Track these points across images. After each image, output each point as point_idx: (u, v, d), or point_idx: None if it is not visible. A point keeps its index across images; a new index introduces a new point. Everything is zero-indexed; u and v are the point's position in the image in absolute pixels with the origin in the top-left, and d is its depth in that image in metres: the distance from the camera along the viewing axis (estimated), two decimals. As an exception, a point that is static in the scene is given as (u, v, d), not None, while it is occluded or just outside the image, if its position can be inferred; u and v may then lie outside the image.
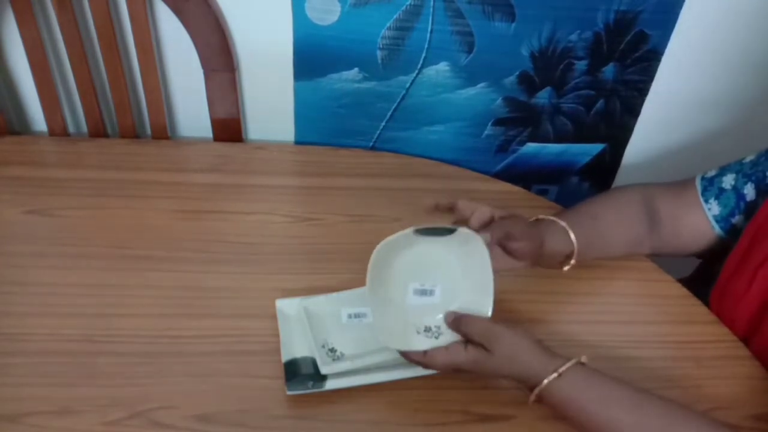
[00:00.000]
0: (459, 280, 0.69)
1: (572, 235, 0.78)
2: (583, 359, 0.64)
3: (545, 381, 0.63)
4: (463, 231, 0.67)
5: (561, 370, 0.63)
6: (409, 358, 0.67)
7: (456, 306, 0.69)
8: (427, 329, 0.68)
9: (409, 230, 0.65)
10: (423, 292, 0.69)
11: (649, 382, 0.73)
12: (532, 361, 0.64)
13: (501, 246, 0.73)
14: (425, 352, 0.66)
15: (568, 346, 0.77)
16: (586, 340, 0.79)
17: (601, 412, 0.62)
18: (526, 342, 0.65)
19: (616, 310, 0.84)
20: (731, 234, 0.81)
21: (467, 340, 0.66)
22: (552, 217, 0.79)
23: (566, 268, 0.80)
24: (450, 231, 0.67)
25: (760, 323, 0.76)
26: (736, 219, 0.81)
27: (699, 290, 0.85)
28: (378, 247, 0.65)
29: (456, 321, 0.67)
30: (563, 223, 0.78)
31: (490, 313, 0.68)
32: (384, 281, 0.68)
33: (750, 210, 0.79)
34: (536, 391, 0.63)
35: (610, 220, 0.83)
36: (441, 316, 0.69)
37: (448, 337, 0.67)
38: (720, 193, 0.81)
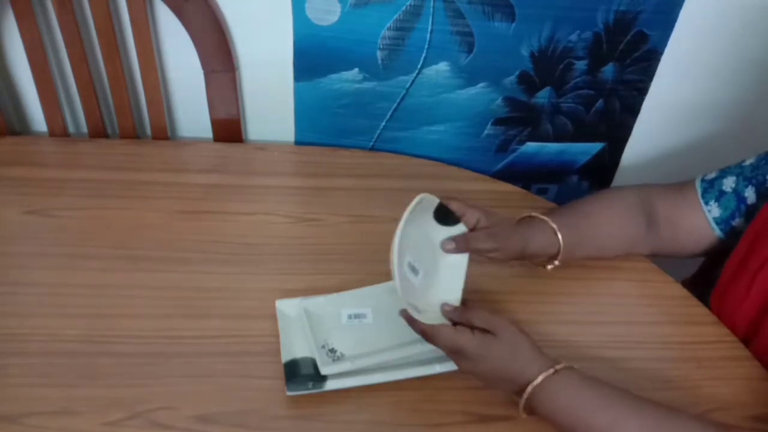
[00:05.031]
0: (440, 269, 0.71)
1: (560, 236, 0.77)
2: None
3: (540, 377, 0.63)
4: (460, 227, 0.71)
5: (558, 367, 0.63)
6: (415, 326, 0.67)
7: (431, 293, 0.70)
8: (413, 306, 0.67)
9: (436, 200, 0.70)
10: (412, 269, 0.69)
11: (648, 382, 0.73)
12: (535, 357, 0.65)
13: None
14: (432, 326, 0.66)
15: (568, 346, 0.77)
16: (585, 340, 0.78)
17: (598, 416, 0.62)
18: (526, 338, 0.66)
19: (615, 310, 0.84)
20: (731, 236, 0.81)
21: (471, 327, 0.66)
22: (543, 217, 0.79)
23: (550, 267, 0.80)
24: (456, 222, 0.71)
25: (759, 326, 0.76)
26: (737, 221, 0.81)
27: (701, 292, 0.85)
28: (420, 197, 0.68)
29: (455, 310, 0.67)
30: (554, 225, 0.78)
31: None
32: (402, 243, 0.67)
33: (750, 213, 0.79)
34: (529, 388, 0.63)
35: (604, 220, 0.83)
36: (421, 297, 0.69)
37: (429, 317, 0.67)
38: (720, 196, 0.81)
